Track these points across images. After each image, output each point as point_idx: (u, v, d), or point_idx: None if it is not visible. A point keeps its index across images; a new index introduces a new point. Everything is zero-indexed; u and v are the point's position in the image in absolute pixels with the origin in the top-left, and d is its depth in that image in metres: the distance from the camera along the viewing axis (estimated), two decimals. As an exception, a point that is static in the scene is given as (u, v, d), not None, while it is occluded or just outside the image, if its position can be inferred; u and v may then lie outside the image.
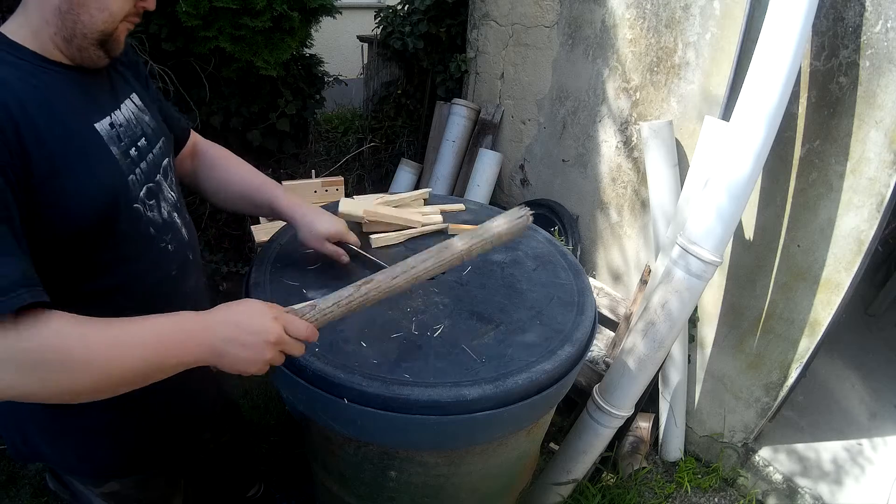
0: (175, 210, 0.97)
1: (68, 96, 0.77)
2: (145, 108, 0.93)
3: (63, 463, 0.98)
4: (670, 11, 1.81)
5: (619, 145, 2.11)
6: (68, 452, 0.96)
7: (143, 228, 0.87)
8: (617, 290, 2.25)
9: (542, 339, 1.00)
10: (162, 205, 0.92)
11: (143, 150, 0.88)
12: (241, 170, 1.14)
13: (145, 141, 0.89)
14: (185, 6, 1.71)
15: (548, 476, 1.79)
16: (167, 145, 0.97)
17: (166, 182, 0.95)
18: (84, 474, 1.01)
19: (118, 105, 0.86)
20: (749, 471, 1.97)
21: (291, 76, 2.29)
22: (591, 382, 1.83)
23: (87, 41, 0.76)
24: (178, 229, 0.97)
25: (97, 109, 0.82)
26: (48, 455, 0.96)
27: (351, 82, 2.97)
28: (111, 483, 1.02)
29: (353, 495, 1.17)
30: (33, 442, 0.95)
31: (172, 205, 0.96)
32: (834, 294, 1.58)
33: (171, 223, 0.94)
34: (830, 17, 1.42)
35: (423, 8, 2.81)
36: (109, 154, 0.81)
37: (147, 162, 0.89)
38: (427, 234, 1.30)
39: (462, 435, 0.92)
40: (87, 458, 0.97)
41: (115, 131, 0.83)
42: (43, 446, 0.95)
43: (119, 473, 1.02)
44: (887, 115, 1.37)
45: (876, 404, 2.24)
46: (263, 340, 0.74)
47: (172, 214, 0.95)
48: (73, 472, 1.01)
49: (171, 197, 0.96)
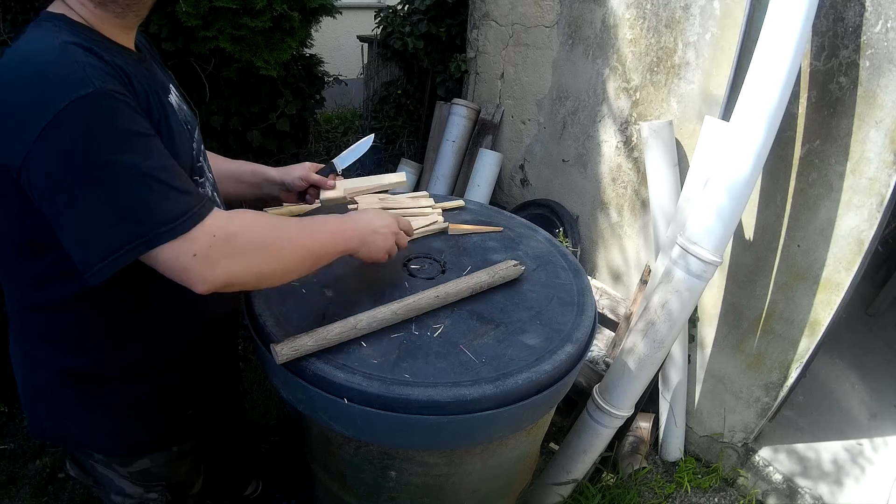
0: (215, 190, 1.03)
1: (145, 74, 0.82)
2: (181, 96, 0.97)
3: (90, 441, 0.97)
4: (670, 11, 1.81)
5: (619, 145, 2.11)
6: (98, 429, 0.95)
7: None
8: (617, 290, 2.25)
9: (542, 339, 1.00)
10: (207, 183, 0.98)
11: (190, 131, 0.93)
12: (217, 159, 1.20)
13: (187, 124, 0.93)
14: (185, 6, 1.71)
15: (548, 476, 1.79)
16: (199, 131, 1.02)
17: (206, 164, 1.00)
18: (113, 452, 1.00)
19: (168, 90, 0.90)
20: (749, 471, 1.97)
21: (291, 76, 2.29)
22: (591, 382, 1.83)
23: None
24: (220, 205, 1.02)
25: (164, 86, 0.88)
26: (74, 433, 0.96)
27: (351, 82, 2.97)
28: (142, 460, 1.02)
29: (353, 495, 1.17)
30: (61, 420, 0.94)
31: (213, 184, 1.02)
32: (834, 294, 1.58)
33: (214, 200, 0.99)
34: (830, 17, 1.42)
35: (423, 8, 2.81)
36: (181, 125, 0.87)
37: (195, 141, 0.94)
38: (428, 231, 1.30)
39: (462, 435, 0.92)
40: (118, 433, 0.96)
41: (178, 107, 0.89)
42: (70, 424, 0.94)
43: (150, 447, 1.02)
44: (887, 115, 1.37)
45: (876, 404, 2.24)
46: (390, 230, 0.99)
47: (214, 194, 1.01)
48: (102, 451, 0.99)
49: (210, 177, 1.01)
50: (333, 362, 0.89)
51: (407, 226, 1.04)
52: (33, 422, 0.97)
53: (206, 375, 1.08)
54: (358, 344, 0.93)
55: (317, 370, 0.87)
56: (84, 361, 0.89)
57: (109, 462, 1.01)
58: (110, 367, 0.91)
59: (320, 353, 0.90)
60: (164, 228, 0.69)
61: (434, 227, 1.30)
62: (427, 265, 1.18)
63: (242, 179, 1.20)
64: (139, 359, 0.92)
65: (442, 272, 1.16)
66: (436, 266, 1.18)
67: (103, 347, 0.88)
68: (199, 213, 0.72)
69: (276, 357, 0.86)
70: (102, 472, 1.03)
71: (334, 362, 0.89)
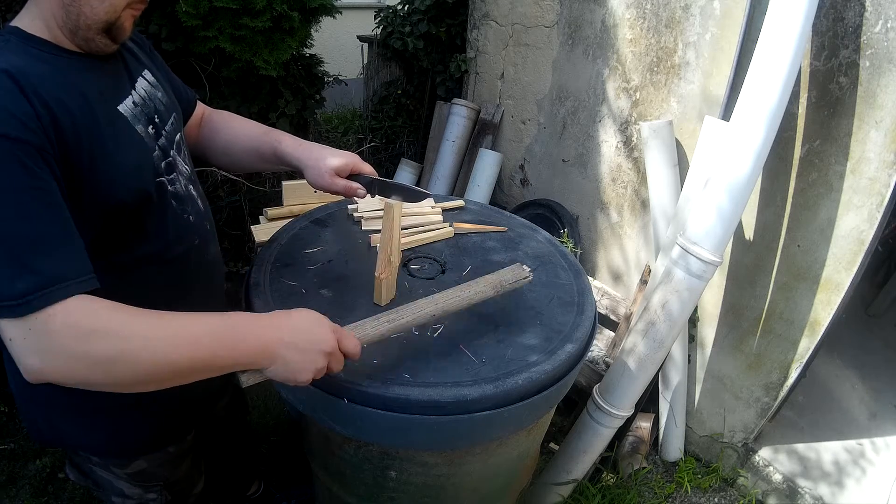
0: (190, 182, 0.99)
1: (93, 83, 0.79)
2: (157, 83, 0.95)
3: (89, 444, 0.97)
4: (670, 11, 1.81)
5: (619, 145, 2.11)
6: (93, 432, 0.95)
7: (167, 201, 0.90)
8: (617, 290, 2.24)
9: (542, 339, 1.00)
10: (179, 178, 0.95)
11: (158, 126, 0.91)
12: (245, 125, 1.13)
13: (159, 118, 0.91)
14: (185, 6, 1.71)
15: (548, 476, 1.79)
16: (178, 120, 0.99)
17: (180, 156, 0.97)
18: (111, 454, 1.00)
19: (134, 84, 0.88)
20: (749, 471, 1.96)
21: (291, 76, 2.29)
22: (591, 382, 1.83)
23: (92, 32, 0.77)
24: (195, 200, 0.99)
25: (119, 91, 0.84)
26: (73, 437, 0.96)
27: (351, 82, 2.97)
28: (139, 461, 1.02)
29: (353, 495, 1.16)
30: (56, 424, 0.94)
31: (187, 177, 0.98)
32: (834, 294, 1.58)
33: (188, 195, 0.97)
34: (830, 17, 1.42)
35: (423, 8, 2.81)
36: (135, 133, 0.84)
37: (164, 137, 0.91)
38: (432, 239, 1.30)
39: (462, 435, 0.92)
40: (112, 435, 0.96)
41: (137, 109, 0.86)
42: (69, 428, 0.94)
43: (145, 449, 1.02)
44: (887, 115, 1.37)
45: (876, 404, 2.23)
46: (320, 349, 0.74)
47: (188, 187, 0.98)
48: (98, 453, 1.00)
49: (185, 170, 0.98)
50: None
51: (351, 348, 0.78)
52: (30, 425, 0.97)
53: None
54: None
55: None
56: None
57: (107, 464, 1.01)
58: None
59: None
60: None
61: (441, 232, 1.29)
62: (427, 265, 1.18)
63: (265, 158, 1.09)
64: None
65: (442, 272, 1.16)
66: (436, 266, 1.18)
67: None
68: (44, 298, 0.62)
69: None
70: (101, 475, 1.03)
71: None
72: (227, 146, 1.12)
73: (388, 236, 1.01)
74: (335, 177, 1.01)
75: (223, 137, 1.12)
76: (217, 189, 2.28)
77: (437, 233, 1.28)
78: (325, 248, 1.19)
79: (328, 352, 0.75)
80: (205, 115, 1.16)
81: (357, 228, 1.30)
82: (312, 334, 0.75)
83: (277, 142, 1.06)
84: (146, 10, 0.85)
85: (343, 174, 1.02)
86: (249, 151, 1.09)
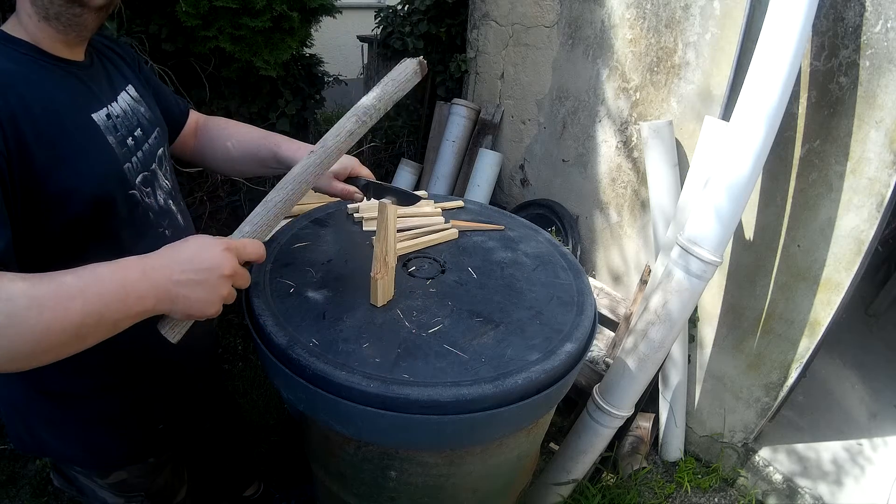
0: (170, 197, 0.99)
1: (68, 89, 0.79)
2: (141, 99, 0.95)
3: (69, 455, 0.98)
4: (670, 11, 1.81)
5: (618, 145, 2.11)
6: (73, 443, 0.96)
7: (141, 214, 0.90)
8: (617, 290, 2.24)
9: (542, 338, 1.00)
10: (158, 192, 0.94)
11: (139, 139, 0.90)
12: (242, 130, 1.13)
13: (141, 131, 0.91)
14: (185, 6, 1.71)
15: (548, 476, 1.79)
16: (162, 135, 0.99)
17: (161, 171, 0.97)
18: (90, 465, 1.01)
19: (115, 97, 0.89)
20: (749, 471, 1.96)
21: (291, 76, 2.29)
22: (591, 382, 1.83)
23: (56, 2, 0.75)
24: (174, 216, 0.99)
25: (95, 101, 0.84)
26: (54, 447, 0.96)
27: (351, 82, 2.97)
28: (118, 472, 1.02)
29: (353, 495, 1.16)
30: (38, 434, 0.95)
31: (167, 192, 0.98)
32: (834, 294, 1.58)
33: (167, 210, 0.97)
34: (830, 17, 1.42)
35: (423, 8, 2.81)
36: (106, 143, 0.83)
37: (143, 151, 0.91)
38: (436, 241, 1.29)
39: (462, 435, 0.92)
40: (92, 447, 0.97)
41: (112, 122, 0.86)
42: (48, 438, 0.95)
43: (124, 461, 1.02)
44: (887, 115, 1.37)
45: (876, 404, 2.24)
46: (218, 275, 0.69)
47: (168, 202, 0.97)
48: (79, 464, 1.00)
49: (165, 185, 0.98)
50: (333, 362, 0.89)
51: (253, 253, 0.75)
52: (13, 435, 0.98)
53: (179, 389, 1.07)
54: (358, 343, 0.93)
55: (317, 370, 0.87)
56: (50, 382, 0.90)
57: (89, 474, 1.02)
58: (76, 386, 0.91)
59: (320, 353, 0.90)
60: None
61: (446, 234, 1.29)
62: (427, 265, 1.18)
63: (264, 163, 1.08)
64: (104, 379, 0.93)
65: (441, 272, 1.16)
66: (435, 266, 1.18)
67: (68, 370, 0.86)
68: None
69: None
70: (84, 483, 1.04)
71: (334, 362, 0.89)
72: (226, 153, 1.12)
73: (382, 237, 1.01)
74: (334, 180, 1.02)
75: (221, 144, 1.12)
76: (217, 189, 2.28)
77: (442, 234, 1.28)
78: (324, 249, 1.19)
79: (227, 274, 0.70)
80: (199, 123, 1.16)
81: (357, 229, 1.30)
82: (203, 262, 0.69)
83: (276, 146, 1.06)
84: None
85: (342, 177, 1.03)
86: (248, 157, 1.10)
